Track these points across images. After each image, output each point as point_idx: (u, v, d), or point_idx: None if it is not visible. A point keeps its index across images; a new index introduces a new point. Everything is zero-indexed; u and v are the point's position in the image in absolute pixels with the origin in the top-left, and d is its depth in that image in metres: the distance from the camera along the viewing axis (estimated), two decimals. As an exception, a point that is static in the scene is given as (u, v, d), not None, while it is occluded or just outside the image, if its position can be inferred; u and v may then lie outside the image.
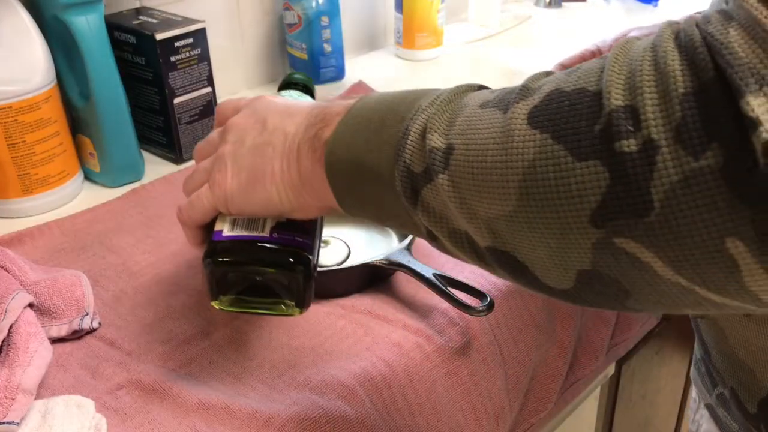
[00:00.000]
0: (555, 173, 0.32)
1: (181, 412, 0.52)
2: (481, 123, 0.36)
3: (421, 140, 0.38)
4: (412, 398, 0.57)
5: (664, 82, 0.29)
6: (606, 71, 0.31)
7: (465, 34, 1.29)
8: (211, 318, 0.62)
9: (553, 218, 0.32)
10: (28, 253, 0.70)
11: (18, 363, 0.51)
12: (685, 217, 0.29)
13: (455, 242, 0.39)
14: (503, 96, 0.36)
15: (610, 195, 0.30)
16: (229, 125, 0.50)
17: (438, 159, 0.37)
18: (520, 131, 0.33)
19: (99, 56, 0.77)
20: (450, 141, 0.37)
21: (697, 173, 0.28)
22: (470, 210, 0.36)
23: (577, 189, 0.31)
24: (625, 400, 0.98)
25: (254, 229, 0.49)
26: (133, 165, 0.85)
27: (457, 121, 0.37)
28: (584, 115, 0.31)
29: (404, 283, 0.65)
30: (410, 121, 0.39)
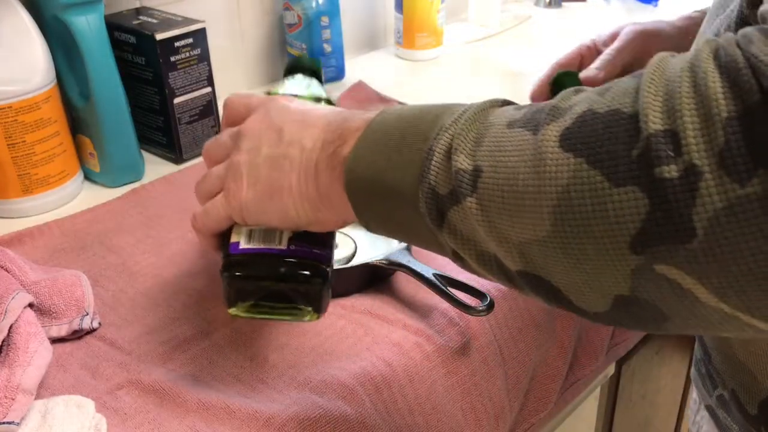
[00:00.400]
0: (591, 199, 0.31)
1: (181, 412, 0.52)
2: (510, 144, 0.35)
3: (446, 161, 0.37)
4: (412, 398, 0.57)
5: (705, 105, 0.28)
6: (641, 92, 0.30)
7: (465, 34, 1.29)
8: (211, 318, 0.62)
9: (590, 244, 0.31)
10: (28, 253, 0.70)
11: (18, 363, 0.51)
12: (730, 244, 0.28)
13: (483, 264, 0.38)
14: (532, 115, 0.35)
15: (650, 221, 0.29)
16: (243, 131, 0.48)
17: (465, 181, 0.36)
18: (552, 154, 0.32)
19: (99, 56, 0.77)
20: (477, 163, 0.35)
21: (743, 200, 0.27)
22: (500, 234, 0.35)
23: (615, 215, 0.30)
24: (625, 400, 0.98)
25: (271, 242, 0.48)
26: (133, 165, 0.85)
27: (484, 142, 0.36)
28: (620, 139, 0.30)
29: (404, 283, 0.65)
30: (434, 140, 0.38)
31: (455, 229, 0.37)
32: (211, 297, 0.64)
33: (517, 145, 0.34)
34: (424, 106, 0.41)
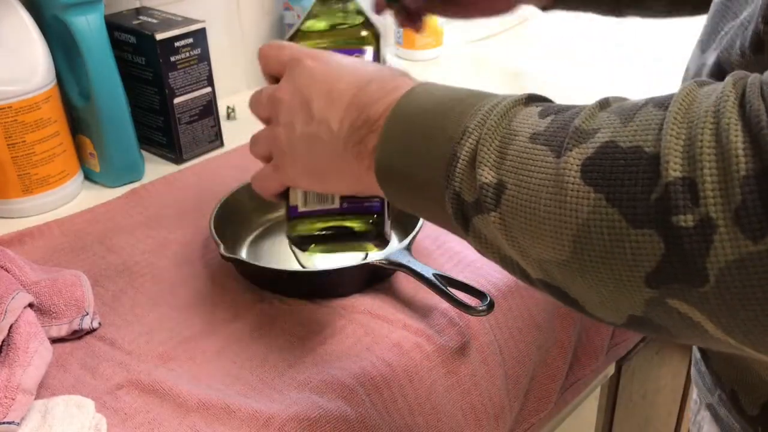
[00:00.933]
0: (610, 236, 0.32)
1: (181, 412, 0.52)
2: (532, 163, 0.35)
3: (470, 169, 0.38)
4: (412, 398, 0.57)
5: (725, 160, 0.28)
6: (665, 131, 0.30)
7: (465, 34, 1.29)
8: (211, 318, 0.62)
9: (607, 274, 0.33)
10: (28, 253, 0.70)
11: (18, 363, 0.51)
12: (740, 293, 0.29)
13: (506, 266, 0.39)
14: (555, 132, 0.35)
15: (665, 263, 0.30)
16: (279, 99, 0.49)
17: (489, 196, 0.36)
18: (573, 185, 0.33)
19: (99, 56, 0.77)
20: (501, 177, 0.36)
21: (754, 256, 0.28)
22: (522, 249, 0.36)
23: (632, 253, 0.31)
24: (625, 400, 0.98)
25: (325, 202, 0.52)
26: (133, 165, 0.85)
27: (508, 154, 0.36)
28: (640, 181, 0.30)
29: (404, 283, 0.65)
30: (458, 145, 0.38)
31: (479, 233, 0.39)
32: (211, 297, 0.64)
33: (539, 166, 0.35)
34: (450, 98, 0.41)
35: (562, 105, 0.38)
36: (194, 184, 0.83)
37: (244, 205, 0.73)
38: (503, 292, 0.64)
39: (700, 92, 0.31)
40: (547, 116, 0.37)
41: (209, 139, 0.91)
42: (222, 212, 0.70)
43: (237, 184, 0.75)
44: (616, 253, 0.32)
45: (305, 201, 0.52)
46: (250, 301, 0.63)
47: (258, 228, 0.74)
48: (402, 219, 0.72)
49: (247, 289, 0.65)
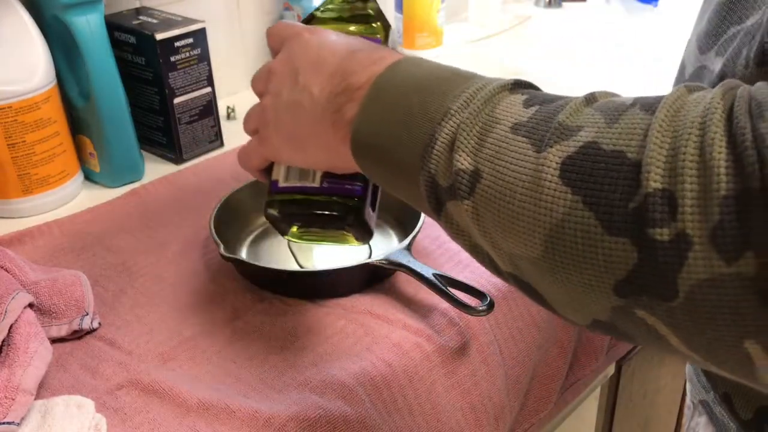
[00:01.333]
0: (583, 239, 0.31)
1: (181, 412, 0.52)
2: (511, 153, 0.34)
3: (448, 153, 0.37)
4: (412, 398, 0.57)
5: (707, 176, 0.28)
6: (650, 138, 0.29)
7: (465, 34, 1.29)
8: (211, 318, 0.62)
9: (577, 277, 0.32)
10: (28, 253, 0.70)
11: (18, 363, 0.51)
12: (708, 312, 0.28)
13: (476, 255, 0.39)
14: (538, 124, 0.34)
15: (636, 273, 0.30)
16: (272, 70, 0.50)
17: (464, 183, 0.36)
18: (551, 183, 0.32)
19: (99, 56, 0.77)
20: (478, 166, 0.35)
21: (726, 278, 0.27)
22: (493, 241, 0.36)
23: (604, 260, 0.30)
24: (625, 400, 0.98)
25: (306, 179, 0.51)
26: (133, 165, 0.85)
27: (487, 142, 0.35)
28: (620, 187, 0.30)
29: (404, 283, 0.65)
30: (438, 126, 0.37)
31: (452, 218, 0.38)
32: (211, 297, 0.64)
33: (518, 157, 0.34)
34: (433, 74, 0.40)
35: (548, 95, 0.37)
36: (194, 184, 0.83)
37: (244, 205, 0.73)
38: (503, 292, 0.64)
39: (689, 99, 0.30)
40: (531, 106, 0.36)
41: (209, 139, 0.91)
42: (222, 212, 0.70)
43: (237, 184, 0.75)
44: (588, 257, 0.31)
45: (287, 176, 0.52)
46: (250, 301, 0.63)
47: (258, 228, 0.74)
48: (402, 219, 0.72)
49: (247, 289, 0.65)
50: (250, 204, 0.74)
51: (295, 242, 0.54)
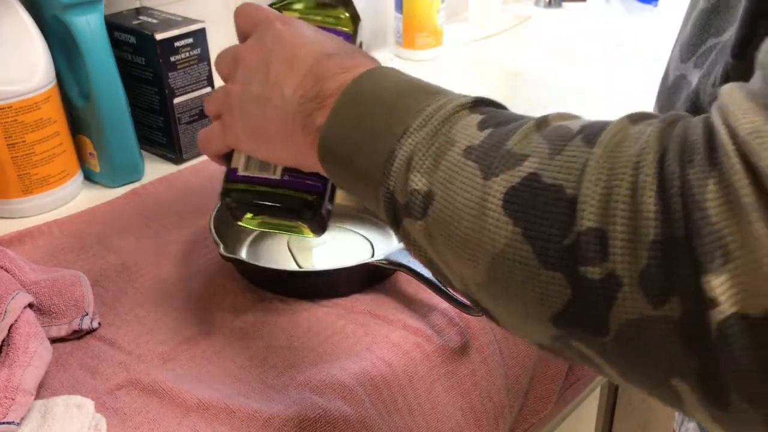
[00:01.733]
0: (521, 271, 0.32)
1: (180, 412, 0.52)
2: (461, 178, 0.35)
3: (405, 171, 0.37)
4: (411, 398, 0.57)
5: (637, 219, 0.28)
6: (586, 175, 0.30)
7: (465, 34, 1.29)
8: (211, 318, 0.62)
9: (518, 306, 0.33)
10: (28, 253, 0.70)
11: (18, 363, 0.51)
12: (637, 350, 0.29)
13: (432, 270, 0.39)
14: (488, 149, 0.35)
15: (570, 308, 0.30)
16: (241, 56, 0.49)
17: (418, 203, 0.36)
18: (494, 213, 0.33)
19: (99, 56, 0.77)
20: (431, 188, 0.36)
21: (653, 320, 0.28)
22: (445, 261, 0.37)
23: (540, 292, 0.31)
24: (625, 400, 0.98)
25: (266, 171, 0.51)
26: (133, 165, 0.85)
27: (441, 164, 0.36)
28: (556, 222, 0.30)
29: (404, 283, 0.65)
30: (398, 143, 0.38)
31: (408, 234, 0.38)
32: (211, 297, 0.64)
33: (467, 183, 0.34)
34: (399, 87, 0.41)
35: (504, 115, 0.37)
36: (194, 184, 0.83)
37: (244, 205, 0.73)
38: (503, 292, 0.64)
39: (630, 132, 0.30)
40: (485, 128, 0.36)
41: (209, 139, 0.91)
42: (222, 212, 0.69)
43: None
44: (527, 288, 0.32)
45: (247, 165, 0.51)
46: (250, 301, 0.63)
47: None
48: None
49: (247, 289, 0.65)
50: (250, 204, 0.74)
51: (248, 228, 0.54)
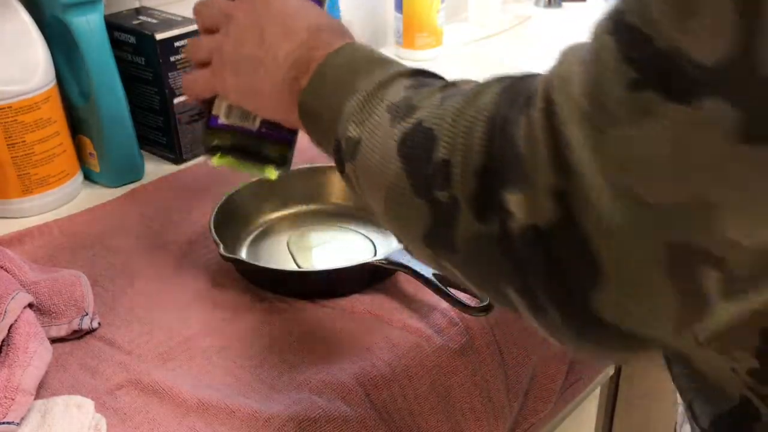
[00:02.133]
0: (400, 200, 0.39)
1: (180, 412, 0.52)
2: (380, 126, 0.41)
3: (346, 123, 0.44)
4: (411, 398, 0.57)
5: (468, 151, 0.34)
6: (447, 117, 0.36)
7: (465, 34, 1.29)
8: (211, 318, 0.62)
9: (403, 231, 0.41)
10: (28, 253, 0.70)
11: (18, 363, 0.51)
12: (477, 264, 0.35)
13: (368, 208, 0.45)
14: (399, 104, 0.41)
15: (431, 230, 0.37)
16: (234, 14, 0.54)
17: (350, 148, 0.43)
18: (390, 153, 0.39)
19: (99, 56, 0.77)
20: (360, 135, 0.42)
21: (483, 234, 0.33)
22: (367, 199, 0.44)
23: (414, 217, 0.38)
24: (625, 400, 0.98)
25: (246, 121, 0.57)
26: (132, 165, 0.85)
27: (371, 118, 0.42)
28: (424, 157, 0.36)
29: (404, 283, 0.65)
30: (347, 102, 0.44)
31: (349, 178, 0.45)
32: (211, 297, 0.64)
33: (381, 131, 0.41)
34: (365, 58, 0.48)
35: (430, 82, 0.44)
36: (194, 184, 0.83)
37: (244, 205, 0.73)
38: (503, 292, 0.64)
39: (489, 87, 0.36)
40: (408, 89, 0.43)
41: (209, 139, 0.91)
42: (222, 212, 0.70)
43: (237, 184, 0.75)
44: (405, 215, 0.39)
45: (228, 114, 0.56)
46: (250, 301, 0.63)
47: (258, 228, 0.74)
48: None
49: (247, 289, 0.65)
50: (250, 204, 0.74)
51: (219, 163, 0.59)
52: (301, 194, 0.77)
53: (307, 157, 0.87)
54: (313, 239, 0.72)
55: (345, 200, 0.77)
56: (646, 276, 0.29)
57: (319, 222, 0.75)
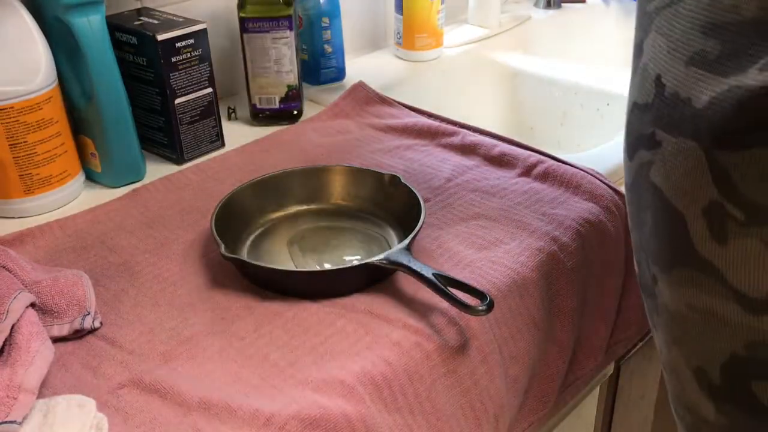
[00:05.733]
0: None
1: (182, 411, 0.52)
2: None
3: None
4: (412, 397, 0.57)
5: None
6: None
7: (465, 35, 1.29)
8: (212, 317, 0.62)
9: None
10: (30, 253, 0.70)
11: (20, 362, 0.51)
12: None
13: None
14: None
15: None
16: None
17: None
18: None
19: (100, 57, 0.78)
20: None
21: None
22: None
23: None
24: (625, 399, 0.98)
25: None
26: (134, 165, 0.85)
27: None
28: None
29: (404, 283, 0.65)
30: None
31: None
32: (212, 296, 0.64)
33: None
34: None
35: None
36: (195, 184, 0.83)
37: (245, 205, 0.73)
38: (503, 292, 0.65)
39: None
40: None
41: (210, 140, 0.91)
42: (223, 212, 0.70)
43: (238, 184, 0.75)
44: None
45: None
46: (250, 301, 0.64)
47: (259, 228, 0.74)
48: (402, 219, 0.72)
49: (248, 288, 0.65)
50: (251, 204, 0.74)
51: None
52: (301, 194, 0.77)
53: (307, 157, 0.87)
54: (313, 239, 0.72)
55: (345, 200, 0.77)
56: None
57: (319, 222, 0.75)
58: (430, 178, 0.82)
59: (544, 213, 0.74)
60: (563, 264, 0.69)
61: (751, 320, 0.43)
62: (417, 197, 0.71)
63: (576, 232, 0.71)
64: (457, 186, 0.80)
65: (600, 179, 0.78)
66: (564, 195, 0.77)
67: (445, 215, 0.75)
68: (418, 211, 0.69)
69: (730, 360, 0.46)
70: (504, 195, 0.77)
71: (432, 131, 0.91)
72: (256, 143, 0.92)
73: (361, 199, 0.76)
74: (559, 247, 0.69)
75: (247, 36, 0.93)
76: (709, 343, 0.47)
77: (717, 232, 0.43)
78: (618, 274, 0.77)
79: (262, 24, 0.92)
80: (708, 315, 0.46)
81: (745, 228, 0.41)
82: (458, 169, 0.83)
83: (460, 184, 0.80)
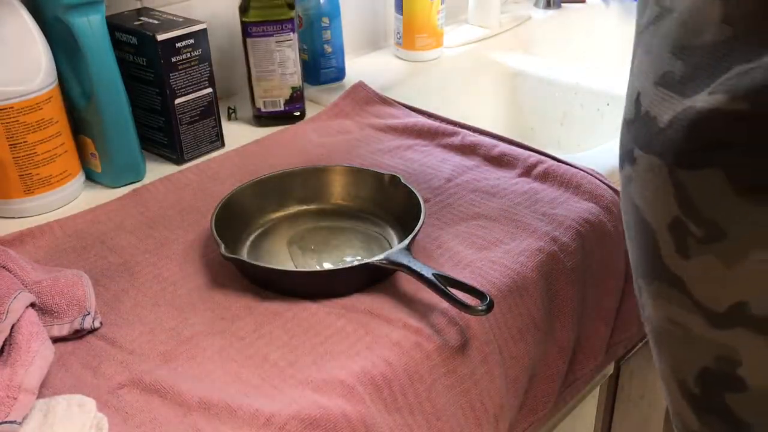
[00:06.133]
0: None
1: (182, 411, 0.52)
2: None
3: None
4: (412, 397, 0.57)
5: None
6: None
7: (465, 35, 1.29)
8: (212, 318, 0.62)
9: None
10: (30, 253, 0.70)
11: (20, 362, 0.51)
12: None
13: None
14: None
15: None
16: None
17: None
18: None
19: (100, 57, 0.78)
20: None
21: None
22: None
23: None
24: (624, 399, 0.98)
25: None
26: (134, 165, 0.85)
27: None
28: None
29: (404, 283, 0.65)
30: None
31: None
32: (212, 296, 0.64)
33: None
34: None
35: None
36: (195, 184, 0.83)
37: (245, 205, 0.73)
38: (503, 292, 0.65)
39: None
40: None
41: (210, 140, 0.91)
42: (223, 212, 0.70)
43: (238, 184, 0.75)
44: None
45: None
46: (250, 301, 0.64)
47: (259, 228, 0.74)
48: (402, 219, 0.72)
49: (248, 288, 0.65)
50: (251, 204, 0.74)
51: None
52: (301, 194, 0.77)
53: (307, 157, 0.87)
54: (313, 239, 0.72)
55: (345, 200, 0.77)
56: None
57: (319, 222, 0.75)
58: (430, 178, 0.82)
59: (544, 213, 0.74)
60: (563, 264, 0.69)
61: (715, 334, 0.45)
62: (417, 197, 0.71)
63: (576, 232, 0.72)
64: (457, 186, 0.80)
65: (600, 179, 0.78)
66: (564, 195, 0.77)
67: (445, 215, 0.75)
68: (418, 211, 0.69)
69: (703, 373, 0.47)
70: (504, 195, 0.77)
71: (432, 131, 0.91)
72: (256, 143, 0.92)
73: (361, 199, 0.76)
74: (559, 248, 0.69)
75: (251, 41, 0.93)
76: (685, 355, 0.48)
77: (681, 247, 0.44)
78: (618, 274, 0.77)
79: (266, 28, 0.92)
80: (682, 328, 0.47)
81: (704, 245, 0.43)
82: (458, 170, 0.83)
83: (460, 184, 0.80)
